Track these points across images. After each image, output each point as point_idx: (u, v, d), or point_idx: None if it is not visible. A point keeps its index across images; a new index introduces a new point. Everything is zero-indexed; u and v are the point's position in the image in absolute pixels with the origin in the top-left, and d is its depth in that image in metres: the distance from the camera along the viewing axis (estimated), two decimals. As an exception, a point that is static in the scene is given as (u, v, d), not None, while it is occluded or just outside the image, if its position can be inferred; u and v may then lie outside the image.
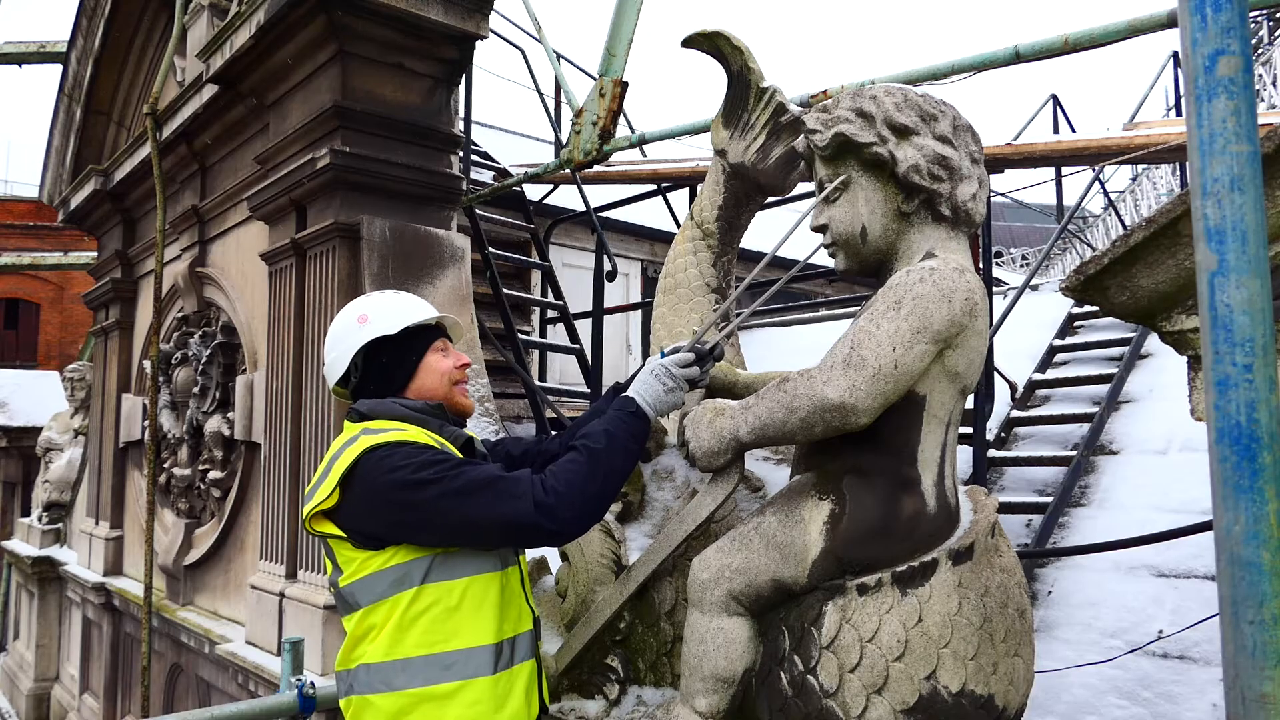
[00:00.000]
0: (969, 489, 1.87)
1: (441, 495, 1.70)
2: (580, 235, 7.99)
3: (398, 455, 1.75)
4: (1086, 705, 3.18)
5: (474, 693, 1.75)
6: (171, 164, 6.40)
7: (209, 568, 5.96)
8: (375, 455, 1.76)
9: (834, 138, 1.77)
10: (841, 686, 1.62)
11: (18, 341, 20.96)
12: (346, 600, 1.84)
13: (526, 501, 1.70)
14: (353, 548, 1.79)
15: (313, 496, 1.82)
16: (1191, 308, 1.68)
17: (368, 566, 1.78)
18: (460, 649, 1.76)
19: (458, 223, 4.98)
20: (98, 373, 8.51)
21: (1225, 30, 1.17)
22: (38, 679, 9.10)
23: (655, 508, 2.26)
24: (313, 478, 1.90)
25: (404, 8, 4.45)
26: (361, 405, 1.95)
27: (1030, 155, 4.79)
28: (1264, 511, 1.14)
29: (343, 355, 1.99)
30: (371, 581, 1.77)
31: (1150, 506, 3.95)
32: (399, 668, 1.74)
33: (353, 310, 2.04)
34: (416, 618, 1.75)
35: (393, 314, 2.00)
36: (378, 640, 1.77)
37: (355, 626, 1.81)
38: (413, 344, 2.01)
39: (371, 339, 1.97)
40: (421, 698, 1.73)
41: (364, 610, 1.79)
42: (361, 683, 1.78)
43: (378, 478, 1.73)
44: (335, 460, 1.82)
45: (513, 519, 1.70)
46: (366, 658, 1.78)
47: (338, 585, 1.85)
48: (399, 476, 1.72)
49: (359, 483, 1.75)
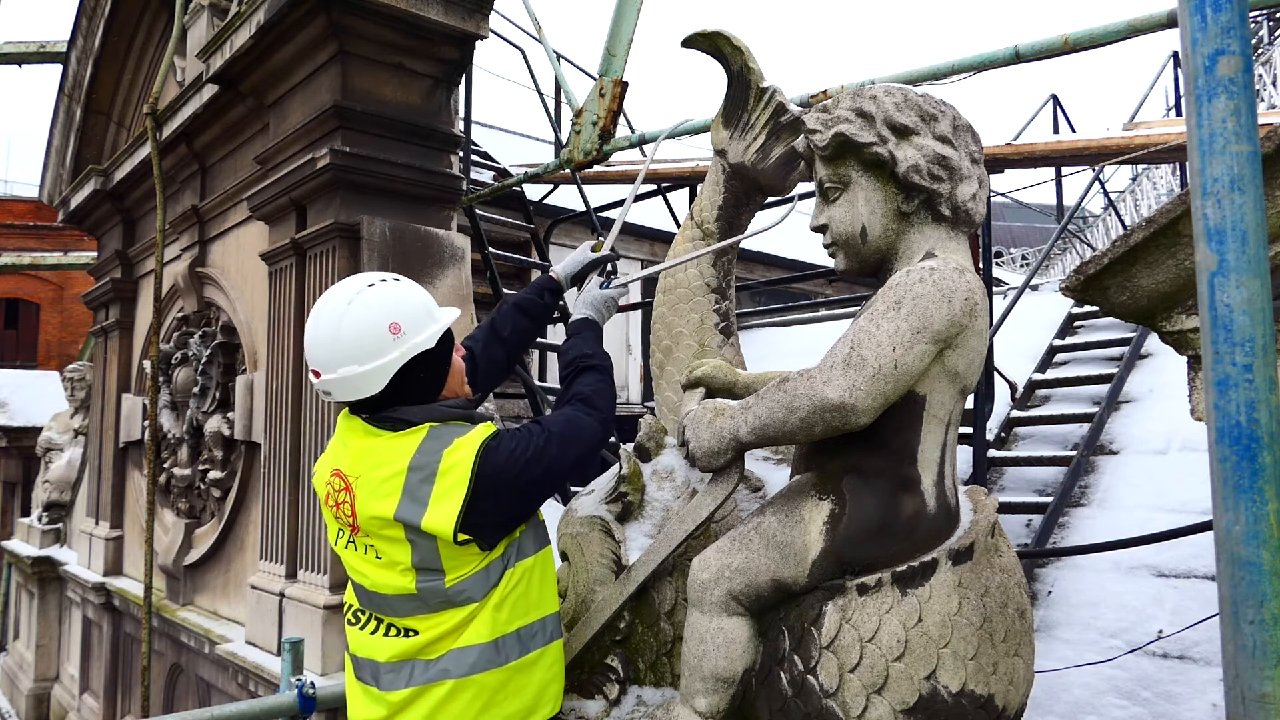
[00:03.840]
0: (969, 489, 1.87)
1: (555, 453, 1.84)
2: (580, 235, 8.00)
3: (504, 440, 1.82)
4: (1086, 705, 3.18)
5: (551, 655, 1.91)
6: (171, 164, 6.40)
7: (209, 568, 5.96)
8: (491, 450, 1.78)
9: (834, 138, 1.77)
10: (841, 686, 1.62)
11: (18, 341, 20.96)
12: (451, 600, 1.79)
13: (595, 421, 1.96)
14: (477, 550, 1.78)
15: (429, 507, 1.71)
16: (1191, 308, 1.68)
17: (485, 561, 1.80)
18: (539, 619, 1.90)
19: (458, 223, 4.98)
20: (98, 373, 8.51)
21: (1225, 30, 1.17)
22: (38, 679, 9.10)
23: (655, 508, 2.26)
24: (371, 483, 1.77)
25: (404, 8, 4.45)
26: (412, 414, 1.82)
27: (1030, 155, 4.80)
28: (1264, 511, 1.14)
29: (376, 373, 1.77)
30: (485, 575, 1.81)
31: (1150, 506, 3.95)
32: (497, 646, 1.82)
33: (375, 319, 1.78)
34: (508, 596, 1.83)
35: (422, 317, 1.85)
36: (475, 626, 1.81)
37: (453, 621, 1.80)
38: (445, 355, 1.92)
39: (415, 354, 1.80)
40: (516, 669, 1.83)
41: (475, 605, 1.80)
42: (460, 666, 1.79)
43: (506, 469, 1.78)
44: (433, 466, 1.73)
45: (598, 437, 1.94)
46: (461, 643, 1.80)
47: (438, 587, 1.77)
48: (522, 456, 1.80)
49: (487, 482, 1.75)
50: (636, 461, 2.30)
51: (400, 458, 1.76)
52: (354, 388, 1.79)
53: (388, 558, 1.80)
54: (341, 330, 1.77)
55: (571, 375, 2.11)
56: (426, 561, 1.77)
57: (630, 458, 2.30)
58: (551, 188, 7.13)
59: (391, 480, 1.75)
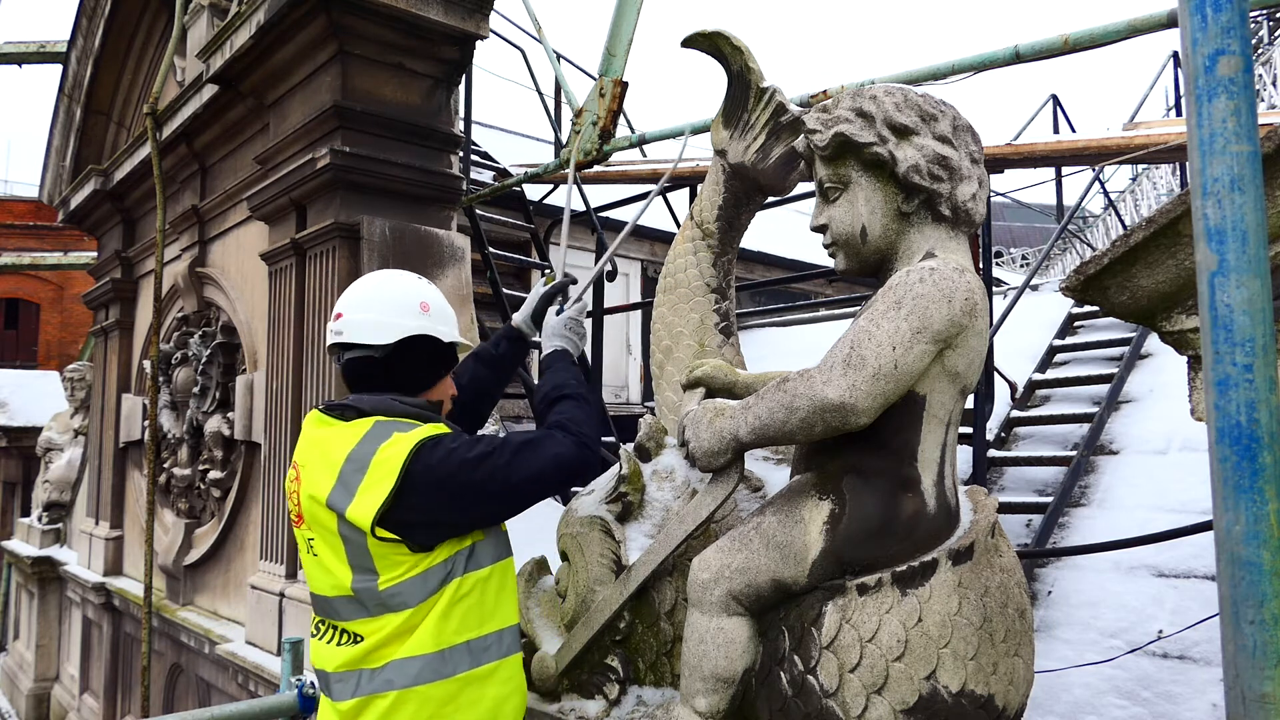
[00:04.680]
0: (969, 489, 1.87)
1: (503, 461, 1.77)
2: (580, 235, 7.99)
3: (445, 440, 1.78)
4: (1086, 705, 3.18)
5: (507, 670, 1.87)
6: (171, 164, 6.40)
7: (209, 568, 5.96)
8: (426, 448, 1.75)
9: (834, 138, 1.77)
10: (841, 686, 1.62)
11: (18, 341, 20.97)
12: (385, 603, 1.77)
13: (568, 443, 1.86)
14: (407, 550, 1.75)
15: (355, 496, 1.74)
16: (1191, 308, 1.68)
17: (420, 565, 1.76)
18: (495, 631, 1.86)
19: (458, 223, 4.98)
20: (98, 373, 8.50)
21: (1225, 30, 1.17)
22: (38, 679, 9.10)
23: (655, 508, 2.26)
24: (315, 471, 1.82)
25: (404, 8, 4.45)
26: (362, 402, 1.89)
27: (1030, 155, 4.80)
28: (1264, 511, 1.14)
29: (392, 327, 1.89)
30: (422, 580, 1.77)
31: (1150, 506, 3.95)
32: (444, 657, 1.78)
33: (415, 288, 1.97)
34: (455, 606, 1.79)
35: (448, 319, 1.99)
36: (418, 635, 1.77)
37: (390, 626, 1.77)
38: (447, 359, 2.01)
39: (426, 334, 1.93)
40: (466, 682, 1.80)
41: (411, 610, 1.77)
42: (404, 676, 1.76)
43: (439, 466, 1.74)
44: (369, 456, 1.76)
45: (566, 457, 1.85)
46: (404, 652, 1.77)
47: (372, 589, 1.77)
48: (460, 456, 1.76)
49: (418, 477, 1.72)
50: (636, 461, 2.30)
51: (343, 447, 1.80)
52: (366, 332, 1.89)
53: (324, 555, 1.83)
54: (383, 285, 1.96)
55: (545, 410, 2.05)
56: (358, 560, 1.77)
57: (630, 458, 2.30)
58: (551, 188, 7.12)
59: (331, 468, 1.79)
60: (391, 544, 1.74)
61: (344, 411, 1.88)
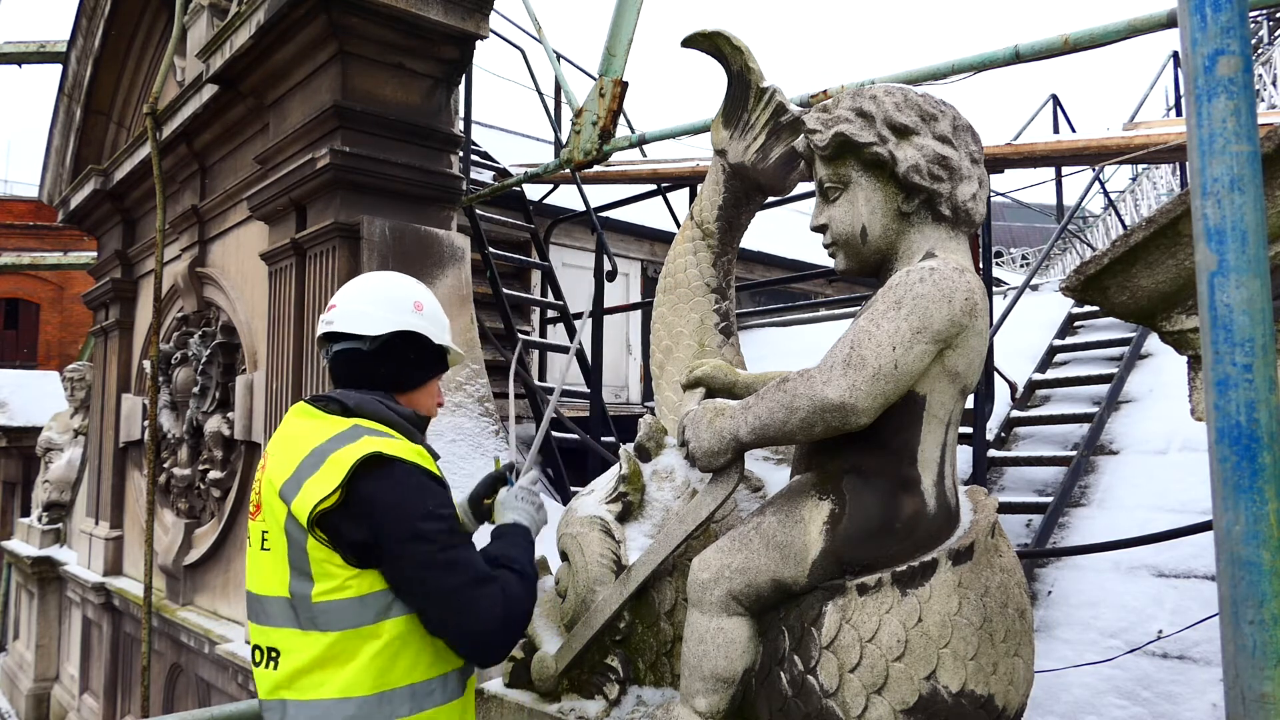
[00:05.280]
0: (969, 489, 1.87)
1: (429, 561, 1.65)
2: (580, 235, 8.00)
3: (411, 483, 1.68)
4: (1086, 705, 3.18)
5: (446, 715, 1.76)
6: (171, 164, 6.40)
7: (209, 568, 5.96)
8: (389, 470, 1.67)
9: (834, 138, 1.77)
10: (841, 686, 1.62)
11: (18, 341, 20.97)
12: (314, 618, 1.66)
13: (494, 625, 1.69)
14: (340, 561, 1.65)
15: (301, 489, 1.66)
16: (1191, 308, 1.68)
17: (349, 589, 1.66)
18: (439, 675, 1.75)
19: (458, 223, 4.98)
20: (98, 373, 8.51)
21: (1225, 30, 1.17)
22: (38, 679, 9.10)
23: (655, 508, 2.26)
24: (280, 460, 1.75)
25: (404, 8, 4.45)
26: (348, 398, 1.83)
27: (1030, 155, 4.80)
28: (1264, 511, 1.14)
29: (383, 320, 1.88)
30: (359, 605, 1.66)
31: (1150, 506, 3.95)
32: (385, 699, 1.67)
33: (410, 288, 1.97)
34: (402, 647, 1.69)
35: (442, 324, 1.99)
36: (358, 671, 1.65)
37: (314, 650, 1.67)
38: (436, 362, 1.99)
39: (416, 331, 1.91)
40: None
41: (337, 636, 1.65)
42: (337, 717, 1.65)
43: (391, 498, 1.65)
44: (328, 454, 1.68)
45: (488, 597, 1.68)
46: (348, 690, 1.65)
47: (305, 596, 1.67)
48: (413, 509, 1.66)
49: (367, 488, 1.64)
50: (636, 461, 2.30)
51: (312, 441, 1.73)
52: (358, 321, 1.88)
53: (273, 549, 1.73)
54: (380, 281, 1.98)
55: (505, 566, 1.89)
56: (298, 560, 1.67)
57: (630, 458, 2.30)
58: (551, 188, 7.13)
59: (294, 459, 1.72)
60: (328, 550, 1.65)
61: (328, 404, 1.83)
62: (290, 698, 1.69)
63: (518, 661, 2.31)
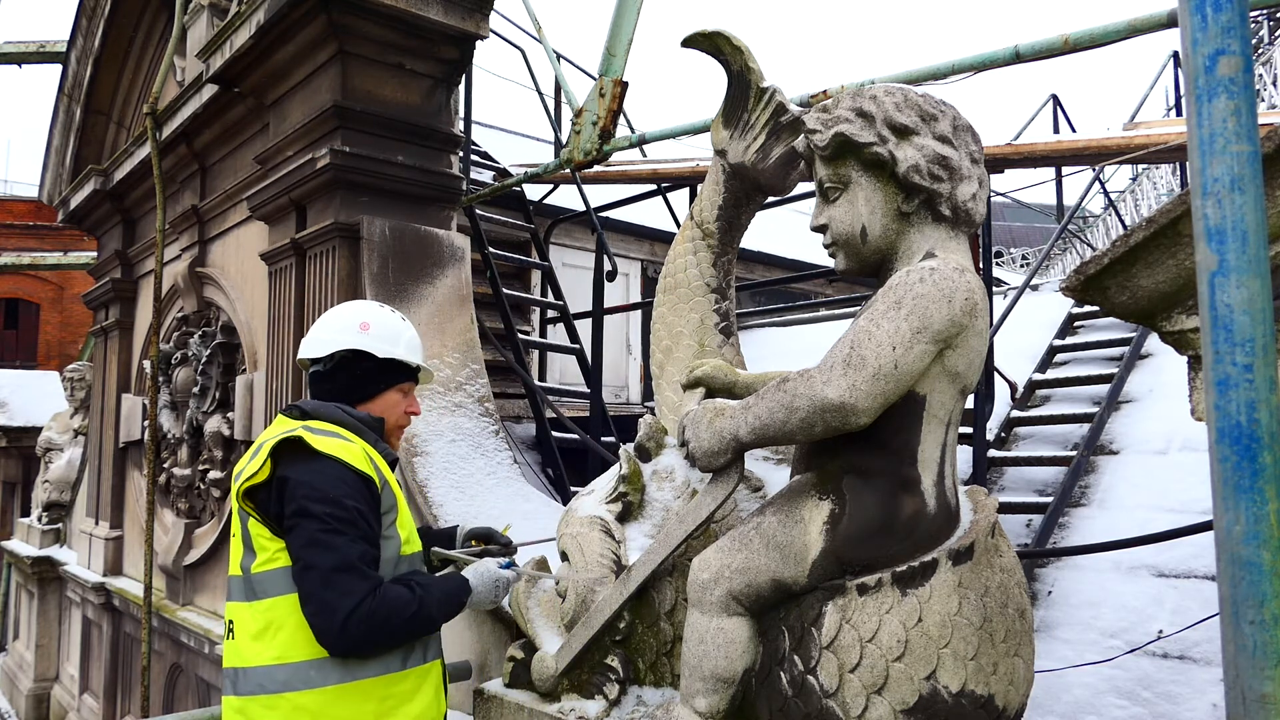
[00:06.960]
0: (969, 489, 1.87)
1: (311, 538, 1.78)
2: (580, 235, 7.99)
3: (329, 472, 1.84)
4: (1086, 705, 3.18)
5: (385, 686, 1.86)
6: (171, 164, 6.40)
7: (209, 568, 5.96)
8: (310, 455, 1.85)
9: (834, 138, 1.77)
10: (841, 686, 1.62)
11: (18, 341, 20.97)
12: (254, 588, 1.86)
13: (339, 615, 1.75)
14: (270, 534, 1.85)
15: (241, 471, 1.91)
16: (1191, 308, 1.68)
17: (279, 560, 1.85)
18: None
19: (458, 223, 4.98)
20: (98, 373, 8.50)
21: (1225, 30, 1.17)
22: (37, 679, 9.09)
23: (655, 508, 2.26)
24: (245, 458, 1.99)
25: (404, 8, 4.45)
26: (306, 404, 2.06)
27: (1030, 155, 4.80)
28: (1264, 511, 1.14)
29: (330, 342, 2.14)
30: (283, 576, 1.85)
31: (1150, 506, 3.95)
32: (316, 665, 1.80)
33: (360, 312, 2.20)
34: None
35: (390, 339, 2.17)
36: (293, 637, 1.81)
37: (259, 620, 1.84)
38: (388, 374, 2.17)
39: (360, 349, 2.12)
40: (341, 693, 1.81)
41: (271, 600, 1.83)
42: (274, 681, 1.80)
43: (303, 477, 1.83)
44: (266, 442, 1.91)
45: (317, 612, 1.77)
46: (282, 656, 1.81)
47: (249, 570, 1.87)
48: (316, 490, 1.82)
49: (286, 468, 1.84)
50: (636, 461, 2.30)
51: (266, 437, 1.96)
52: (313, 347, 2.16)
53: (235, 535, 1.96)
54: (337, 311, 2.22)
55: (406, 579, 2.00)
56: (246, 538, 1.90)
57: (630, 458, 2.30)
58: (551, 188, 7.12)
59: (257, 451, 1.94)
60: (260, 525, 1.86)
61: (291, 410, 2.08)
62: (239, 665, 1.87)
63: (518, 661, 2.31)
